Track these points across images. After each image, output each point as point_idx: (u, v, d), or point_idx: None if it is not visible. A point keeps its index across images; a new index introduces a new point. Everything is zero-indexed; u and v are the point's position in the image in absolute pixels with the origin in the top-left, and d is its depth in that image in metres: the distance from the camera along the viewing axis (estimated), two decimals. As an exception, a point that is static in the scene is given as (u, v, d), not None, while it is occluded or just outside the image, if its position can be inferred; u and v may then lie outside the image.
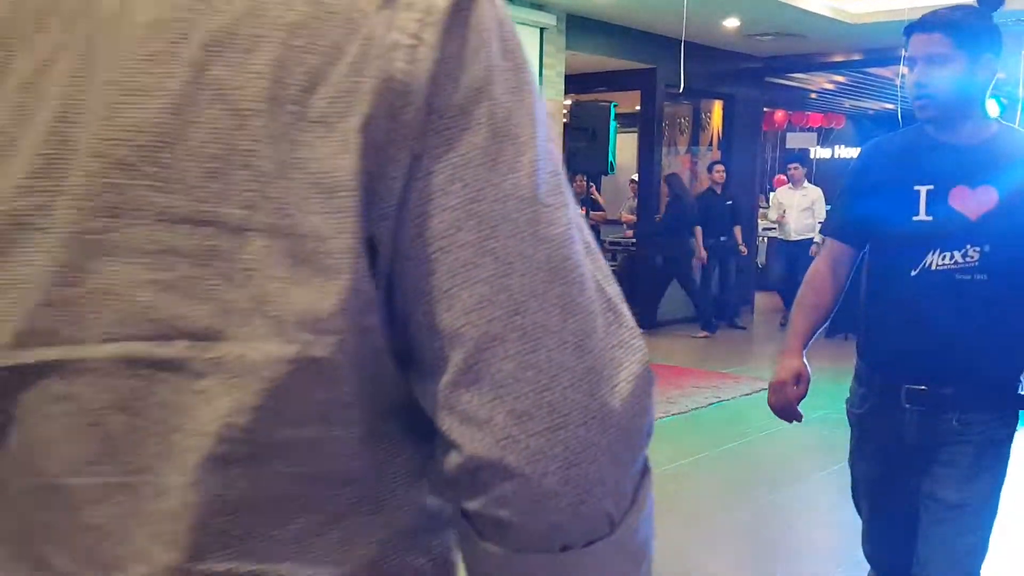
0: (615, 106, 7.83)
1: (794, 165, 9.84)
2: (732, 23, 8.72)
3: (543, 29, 7.59)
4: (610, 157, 7.62)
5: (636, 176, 9.94)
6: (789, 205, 9.48)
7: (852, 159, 2.43)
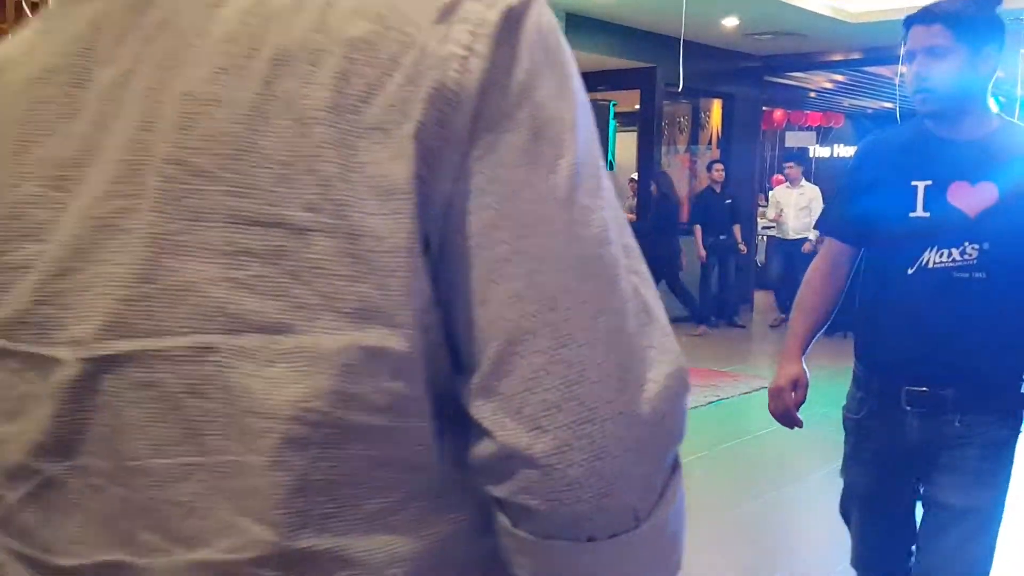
0: (614, 105, 7.84)
1: (790, 164, 9.84)
2: (731, 22, 8.73)
3: (542, 28, 7.58)
4: (609, 156, 7.64)
5: (635, 175, 9.95)
6: (786, 204, 9.48)
7: (851, 157, 2.37)
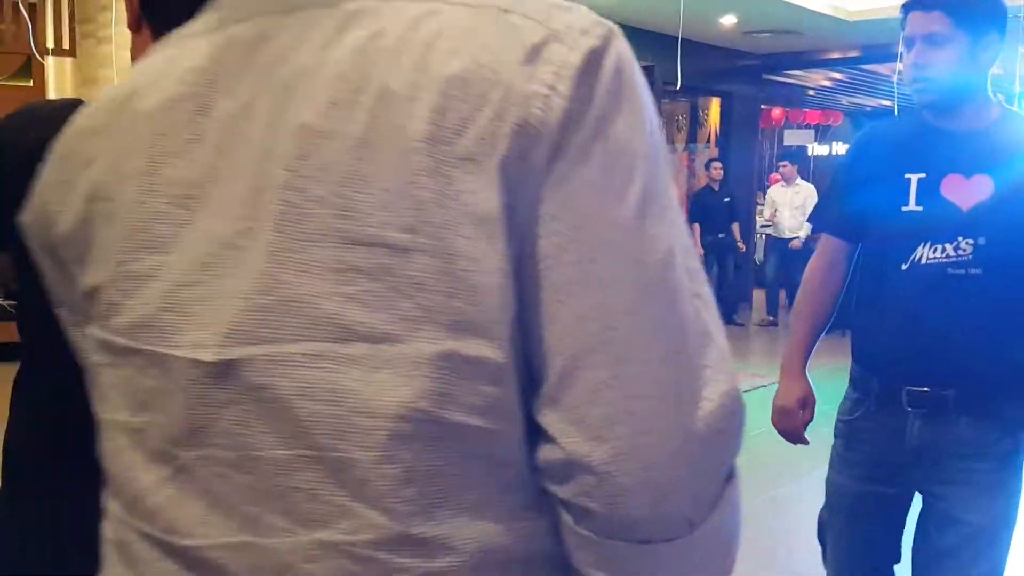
0: (612, 104, 7.83)
1: (783, 163, 9.83)
2: (729, 20, 8.73)
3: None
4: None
5: (634, 174, 9.91)
6: (781, 203, 9.48)
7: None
